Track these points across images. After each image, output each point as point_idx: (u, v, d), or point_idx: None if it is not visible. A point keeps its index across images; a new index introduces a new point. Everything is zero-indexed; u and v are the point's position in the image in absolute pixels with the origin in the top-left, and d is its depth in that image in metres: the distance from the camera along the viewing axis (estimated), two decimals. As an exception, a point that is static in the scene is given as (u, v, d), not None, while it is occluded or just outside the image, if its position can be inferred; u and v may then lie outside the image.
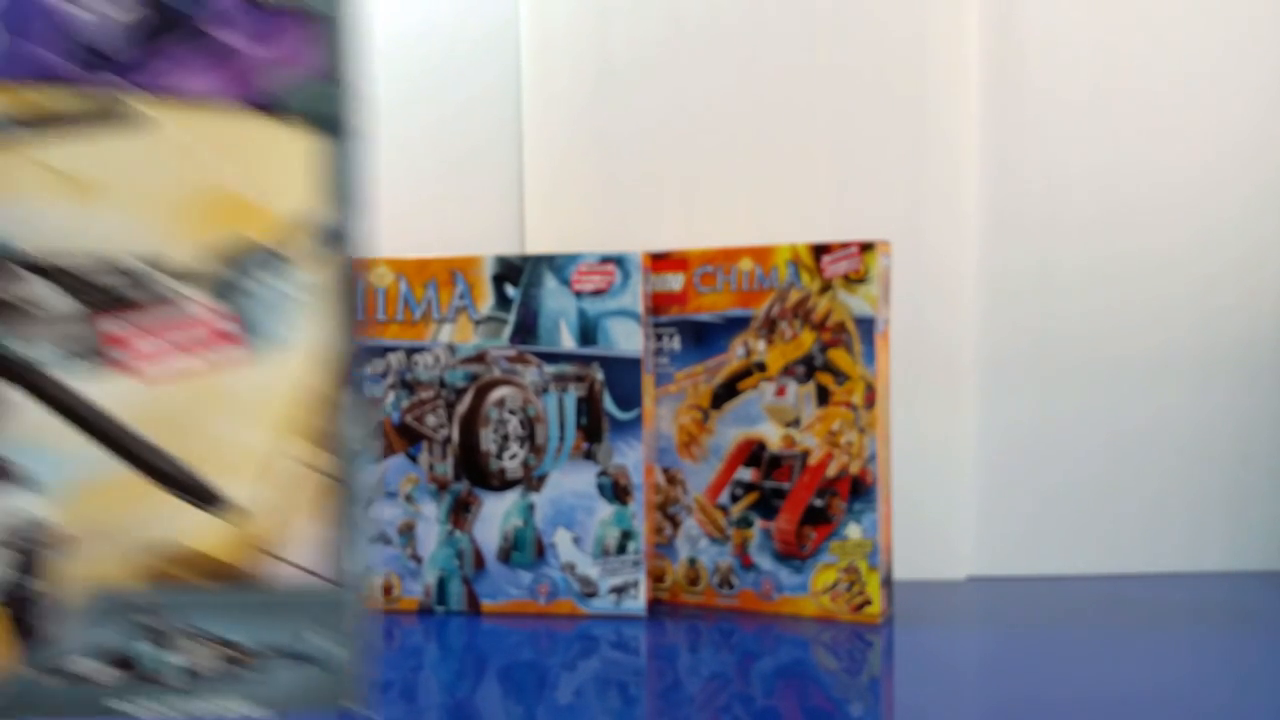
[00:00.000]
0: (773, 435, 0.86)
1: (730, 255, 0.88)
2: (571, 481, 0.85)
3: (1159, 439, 0.98)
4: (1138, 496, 0.98)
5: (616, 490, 0.86)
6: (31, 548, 0.49)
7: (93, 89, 0.49)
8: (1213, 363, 0.98)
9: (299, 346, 0.51)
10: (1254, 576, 0.96)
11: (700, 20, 0.97)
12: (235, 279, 0.50)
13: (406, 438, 0.87)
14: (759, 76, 0.97)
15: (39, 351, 0.49)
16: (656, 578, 0.91)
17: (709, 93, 0.97)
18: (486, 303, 0.86)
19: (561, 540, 0.86)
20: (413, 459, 0.87)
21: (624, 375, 0.85)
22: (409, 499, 0.87)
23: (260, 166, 0.50)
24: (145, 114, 0.49)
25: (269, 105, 0.50)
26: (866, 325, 0.83)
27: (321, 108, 0.50)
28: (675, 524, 0.90)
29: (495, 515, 0.86)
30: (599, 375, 0.84)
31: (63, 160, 0.48)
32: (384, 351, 0.86)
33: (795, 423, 0.85)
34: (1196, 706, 0.65)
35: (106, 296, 0.49)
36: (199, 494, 0.50)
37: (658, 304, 0.90)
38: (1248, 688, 0.68)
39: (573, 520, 0.85)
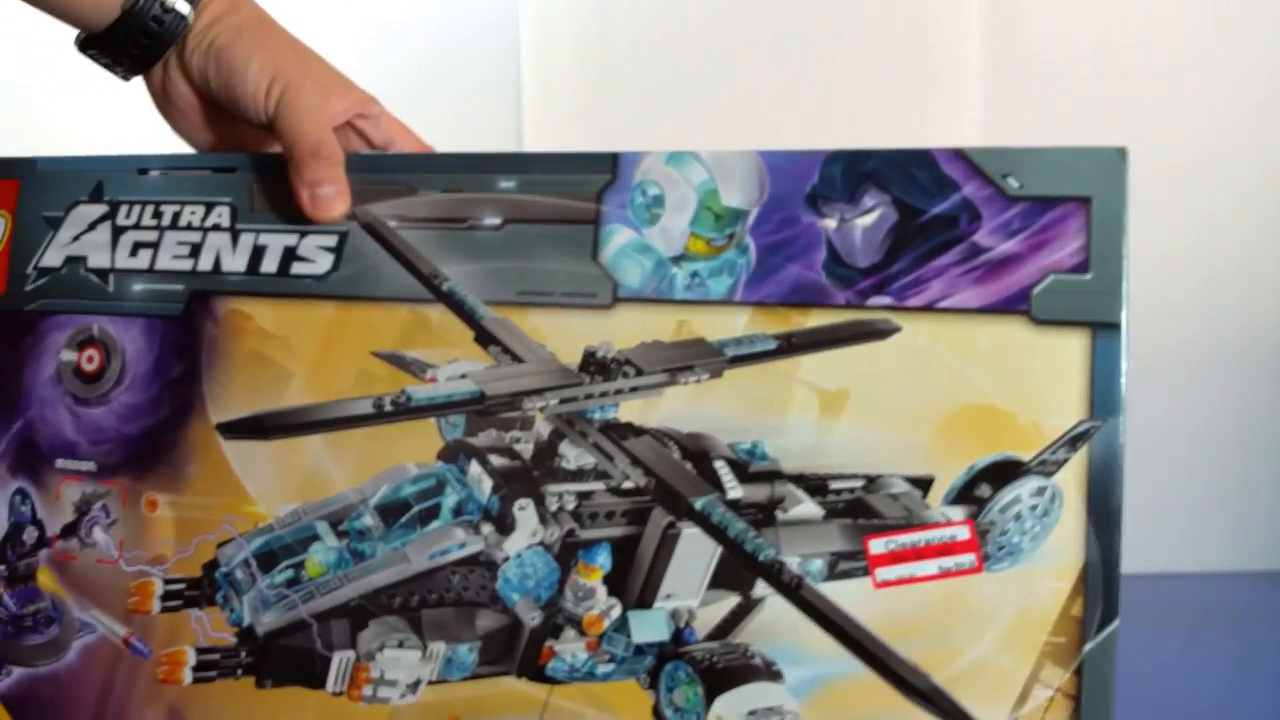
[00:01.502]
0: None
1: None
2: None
3: (1160, 439, 0.95)
4: (1138, 496, 0.88)
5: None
6: None
7: (848, 305, 0.49)
8: (1214, 363, 0.96)
9: (1041, 558, 0.48)
10: (1255, 576, 0.94)
11: (699, 17, 0.97)
12: (975, 487, 0.48)
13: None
14: (758, 71, 0.97)
15: (786, 552, 0.49)
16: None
17: (708, 89, 0.96)
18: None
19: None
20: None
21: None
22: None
23: (1013, 372, 0.47)
24: (896, 325, 0.49)
25: (1024, 307, 0.48)
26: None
27: (1082, 305, 0.47)
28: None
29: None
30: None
31: (815, 375, 0.49)
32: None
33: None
34: (1197, 706, 0.62)
35: (851, 503, 0.50)
36: (944, 710, 0.47)
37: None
38: (1248, 688, 0.67)
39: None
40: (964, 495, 0.49)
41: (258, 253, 0.57)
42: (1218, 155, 0.96)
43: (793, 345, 0.50)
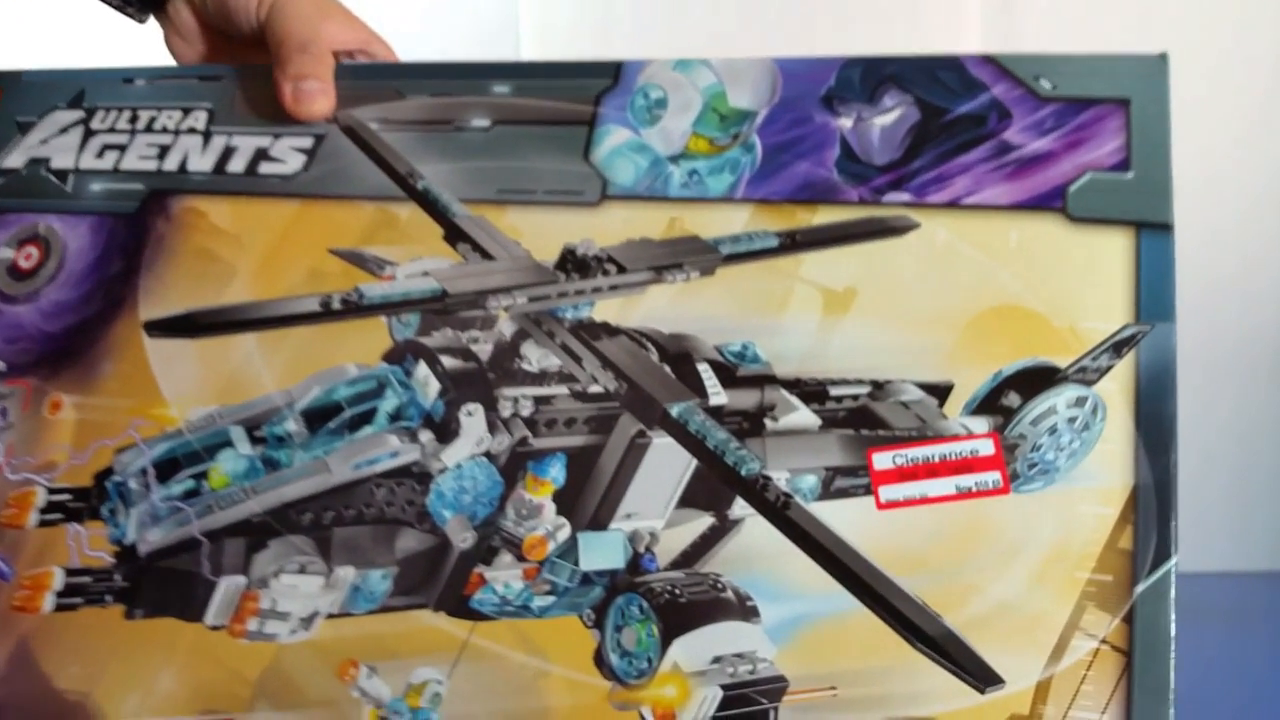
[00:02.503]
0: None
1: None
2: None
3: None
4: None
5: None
6: (743, 687, 0.41)
7: (861, 202, 0.44)
8: (1215, 364, 0.97)
9: (1082, 480, 0.41)
10: (1255, 577, 0.95)
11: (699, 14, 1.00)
12: (1002, 396, 0.42)
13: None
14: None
15: (774, 466, 0.42)
16: None
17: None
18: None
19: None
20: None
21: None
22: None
23: (1047, 272, 0.42)
24: (914, 221, 0.43)
25: (1059, 204, 0.42)
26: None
27: (1124, 204, 0.42)
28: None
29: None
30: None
31: (819, 273, 0.44)
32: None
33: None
34: (1196, 706, 0.57)
35: (853, 412, 0.43)
36: (959, 661, 0.38)
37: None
38: (1248, 688, 0.68)
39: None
40: (988, 405, 0.41)
41: (227, 153, 0.52)
42: (1219, 158, 0.97)
43: (796, 242, 0.44)
